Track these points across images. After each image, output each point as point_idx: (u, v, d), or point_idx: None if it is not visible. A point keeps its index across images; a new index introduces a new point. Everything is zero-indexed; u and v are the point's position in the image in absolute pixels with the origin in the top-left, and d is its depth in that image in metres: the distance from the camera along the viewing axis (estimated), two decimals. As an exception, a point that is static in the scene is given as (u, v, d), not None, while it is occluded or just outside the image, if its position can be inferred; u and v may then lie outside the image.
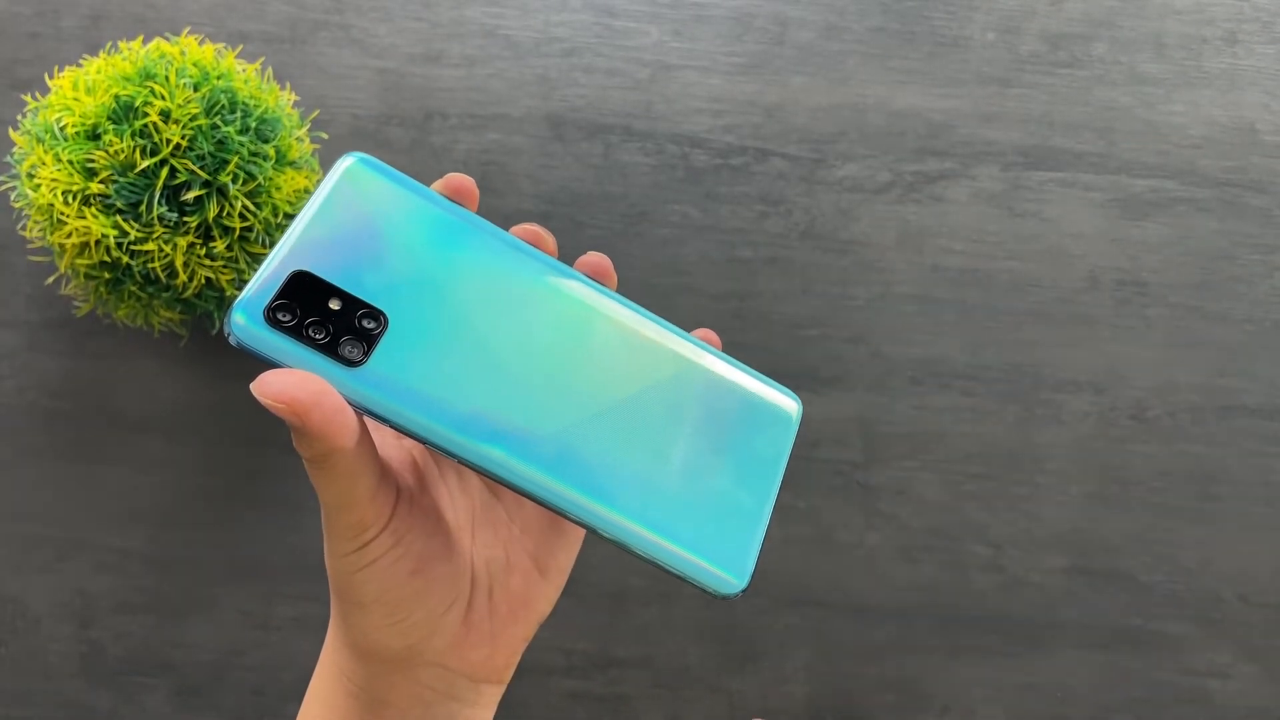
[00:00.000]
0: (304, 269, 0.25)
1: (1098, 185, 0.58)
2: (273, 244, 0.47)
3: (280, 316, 0.24)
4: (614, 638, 0.52)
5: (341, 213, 0.26)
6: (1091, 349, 0.56)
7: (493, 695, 0.30)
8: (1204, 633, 0.53)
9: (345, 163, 0.27)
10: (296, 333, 0.24)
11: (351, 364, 0.24)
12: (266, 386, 0.22)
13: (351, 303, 0.25)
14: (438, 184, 0.28)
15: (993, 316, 0.56)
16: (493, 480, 0.26)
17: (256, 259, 0.47)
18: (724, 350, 0.31)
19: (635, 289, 0.55)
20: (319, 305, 0.25)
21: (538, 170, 0.57)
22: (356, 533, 0.25)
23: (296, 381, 0.23)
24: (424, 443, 0.25)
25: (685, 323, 0.59)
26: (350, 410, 0.23)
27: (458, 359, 0.26)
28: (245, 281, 0.47)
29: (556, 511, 0.26)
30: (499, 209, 0.56)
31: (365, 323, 0.25)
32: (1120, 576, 0.54)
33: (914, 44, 0.59)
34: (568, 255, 0.38)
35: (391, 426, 0.25)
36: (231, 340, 0.24)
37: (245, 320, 0.24)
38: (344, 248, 0.26)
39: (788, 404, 0.30)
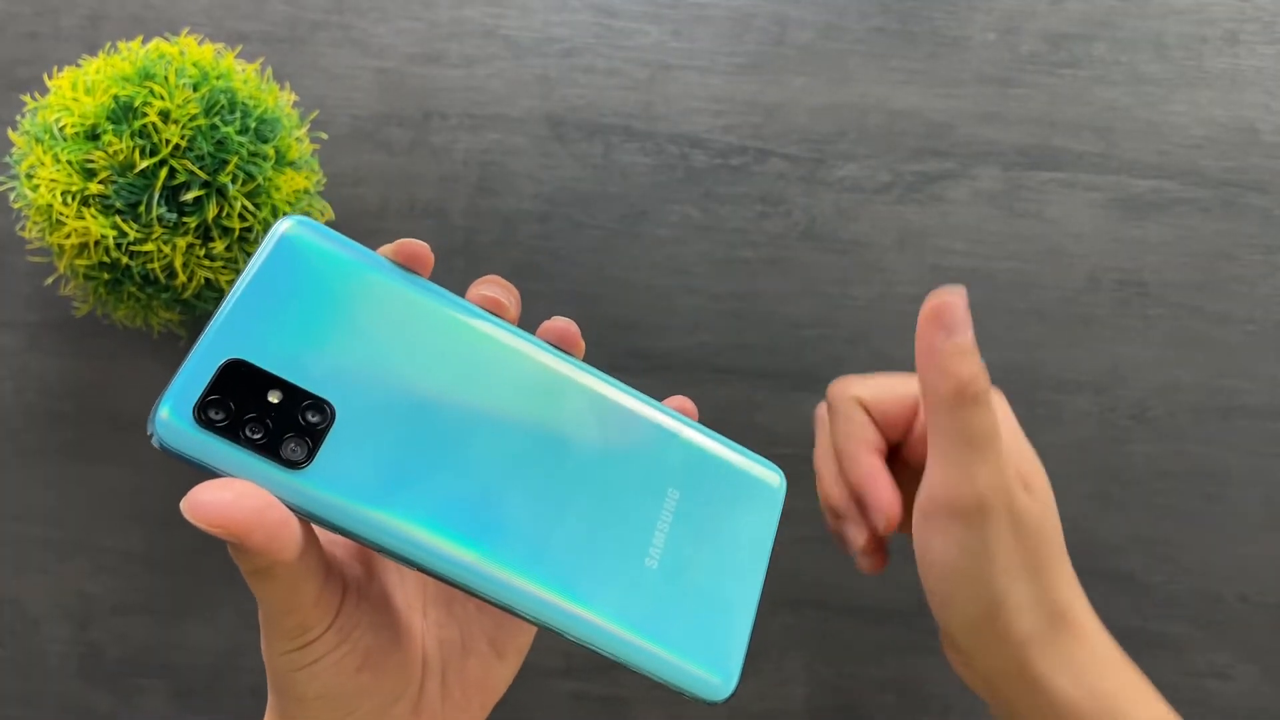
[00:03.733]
0: (238, 357, 0.22)
1: (1098, 185, 0.58)
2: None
3: (212, 414, 0.21)
4: (614, 638, 0.52)
5: (278, 287, 0.23)
6: (1092, 349, 0.56)
7: None
8: (1204, 633, 0.53)
9: (281, 227, 0.24)
10: (231, 433, 0.21)
11: (294, 465, 0.22)
12: (198, 508, 0.20)
13: (293, 393, 0.22)
14: (387, 249, 0.25)
15: (993, 316, 0.56)
16: (457, 589, 0.24)
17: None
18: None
19: (635, 290, 0.55)
20: (256, 398, 0.22)
21: (538, 170, 0.57)
22: (298, 634, 0.23)
23: (233, 499, 0.20)
24: (377, 550, 0.23)
25: (686, 324, 0.59)
26: (294, 520, 0.21)
27: (412, 452, 0.23)
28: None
29: (528, 620, 0.24)
30: (499, 209, 0.56)
31: (309, 416, 0.22)
32: (1120, 577, 0.54)
33: (914, 44, 0.59)
34: (569, 256, 0.38)
35: (338, 533, 0.22)
36: (155, 443, 0.21)
37: (172, 419, 0.21)
38: (282, 329, 0.23)
39: (770, 478, 0.28)
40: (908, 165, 0.57)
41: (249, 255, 0.46)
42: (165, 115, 0.43)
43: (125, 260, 0.43)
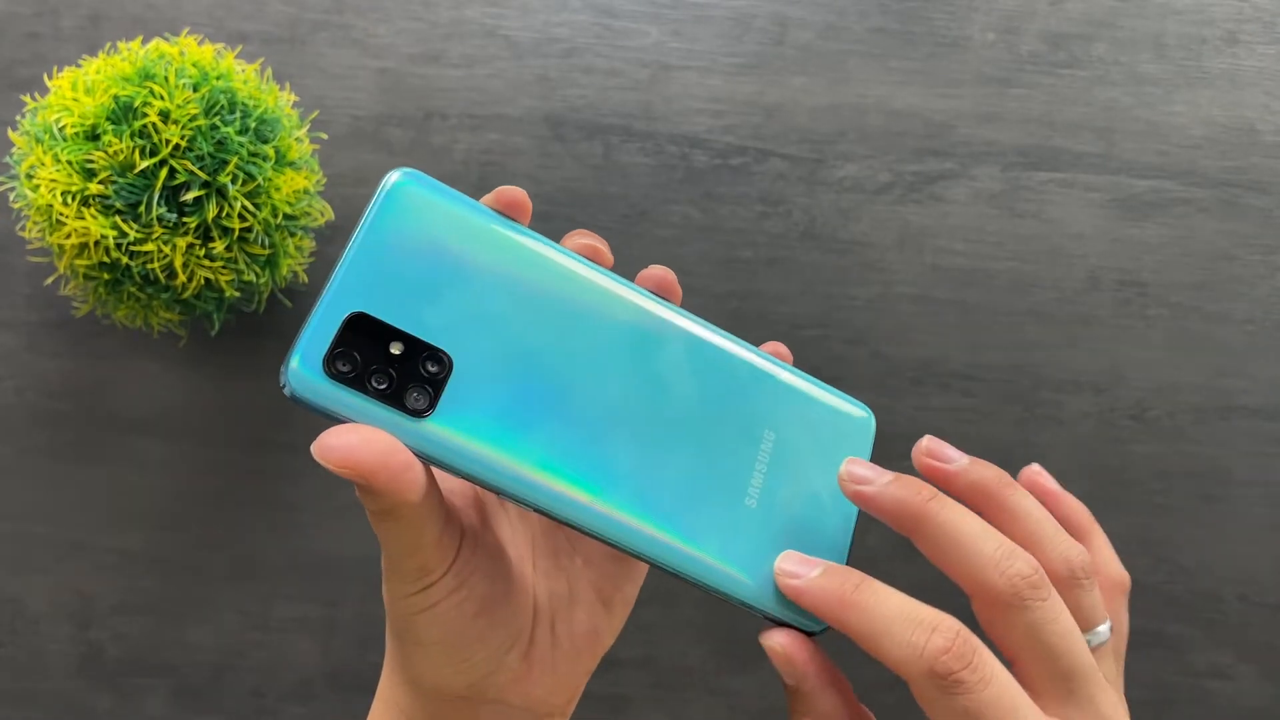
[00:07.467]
0: (361, 310, 0.23)
1: (1098, 185, 0.58)
2: (273, 245, 0.47)
3: (340, 366, 0.22)
4: (614, 638, 0.52)
5: (391, 240, 0.24)
6: (1091, 349, 0.56)
7: None
8: (1204, 633, 0.53)
9: (390, 180, 0.24)
10: (358, 383, 0.22)
11: (417, 414, 0.23)
12: (329, 451, 0.21)
13: (413, 345, 0.23)
14: (488, 198, 0.26)
15: (993, 316, 0.56)
16: (571, 529, 0.25)
17: (255, 260, 0.47)
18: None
19: (635, 289, 0.55)
20: (379, 350, 0.23)
21: (538, 170, 0.57)
22: (419, 576, 0.24)
23: (360, 442, 0.21)
24: (497, 493, 0.24)
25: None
26: (418, 464, 0.22)
27: (524, 397, 0.24)
28: (245, 283, 0.47)
29: (639, 557, 0.25)
30: (499, 209, 0.56)
31: (429, 366, 0.23)
32: (1120, 577, 0.54)
33: (914, 44, 0.59)
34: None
35: (460, 476, 0.23)
36: (287, 393, 0.22)
37: (303, 372, 0.22)
38: (398, 281, 0.24)
39: (861, 419, 0.29)
40: (908, 165, 0.57)
41: (248, 256, 0.46)
42: (165, 115, 0.43)
43: (125, 260, 0.43)
